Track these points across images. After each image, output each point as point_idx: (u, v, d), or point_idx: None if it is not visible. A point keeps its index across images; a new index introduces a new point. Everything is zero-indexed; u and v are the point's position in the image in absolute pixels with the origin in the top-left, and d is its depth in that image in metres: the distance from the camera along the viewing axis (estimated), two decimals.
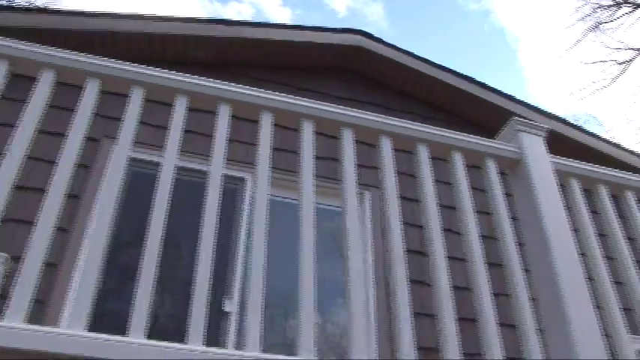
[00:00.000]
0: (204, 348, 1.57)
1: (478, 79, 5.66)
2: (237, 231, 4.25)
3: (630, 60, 18.11)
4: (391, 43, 5.42)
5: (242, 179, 4.41)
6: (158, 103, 2.07)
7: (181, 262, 4.14)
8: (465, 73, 5.60)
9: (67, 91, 2.12)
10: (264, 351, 1.65)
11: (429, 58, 5.54)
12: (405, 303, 1.82)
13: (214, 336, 3.80)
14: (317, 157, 2.46)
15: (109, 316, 3.75)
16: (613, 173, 2.51)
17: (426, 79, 5.50)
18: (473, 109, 5.66)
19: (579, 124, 6.29)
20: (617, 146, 6.29)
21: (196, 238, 1.78)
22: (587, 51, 26.95)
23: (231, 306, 3.85)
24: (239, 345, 3.26)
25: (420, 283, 2.77)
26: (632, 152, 6.34)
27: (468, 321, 2.17)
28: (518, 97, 5.73)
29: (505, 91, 5.74)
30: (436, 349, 1.94)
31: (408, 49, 5.51)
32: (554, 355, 1.99)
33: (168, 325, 3.97)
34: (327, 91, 5.10)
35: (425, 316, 3.17)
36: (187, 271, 1.89)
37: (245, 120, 2.12)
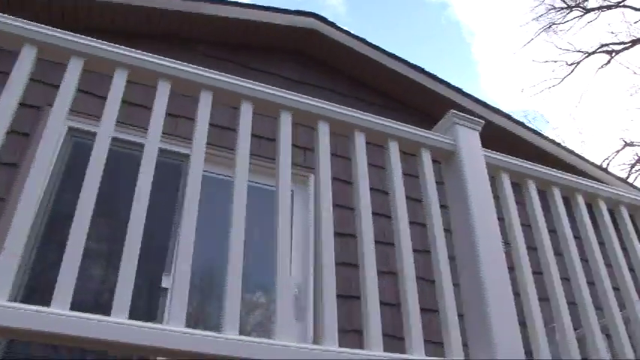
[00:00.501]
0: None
1: (428, 69, 5.75)
2: (180, 207, 4.22)
3: (578, 62, 18.68)
4: (345, 28, 5.45)
5: (187, 156, 4.37)
6: (107, 76, 2.04)
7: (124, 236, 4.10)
8: (415, 64, 5.68)
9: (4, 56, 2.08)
10: (194, 326, 1.68)
11: (382, 46, 5.59)
12: (331, 286, 1.87)
13: (153, 311, 3.80)
14: (267, 139, 2.47)
15: (47, 288, 3.70)
16: (541, 169, 2.62)
17: (377, 67, 5.55)
18: (422, 99, 5.74)
19: (523, 121, 6.43)
20: (558, 145, 6.50)
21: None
22: (540, 50, 27.62)
23: (169, 282, 3.85)
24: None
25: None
26: (571, 152, 6.57)
27: (394, 305, 2.23)
28: (466, 90, 5.85)
29: (455, 83, 5.86)
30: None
31: (363, 36, 5.55)
32: (472, 340, 2.08)
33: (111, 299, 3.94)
34: (279, 73, 5.10)
35: (356, 298, 3.25)
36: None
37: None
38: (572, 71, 18.84)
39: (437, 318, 2.07)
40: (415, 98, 5.72)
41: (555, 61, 19.09)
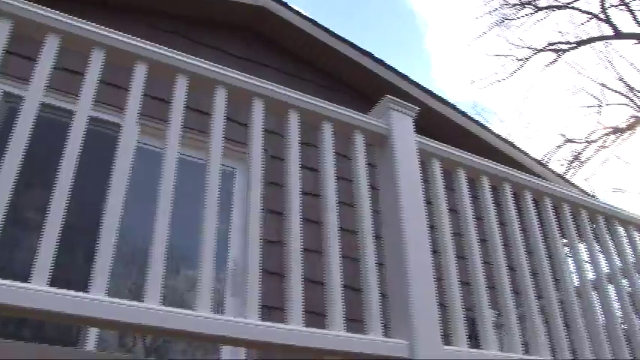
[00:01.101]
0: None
1: (379, 56, 5.80)
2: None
3: (527, 58, 19.11)
4: (295, 8, 5.44)
5: None
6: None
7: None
8: (365, 49, 5.71)
9: None
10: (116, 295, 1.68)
11: (332, 29, 5.61)
12: (255, 263, 1.90)
13: (85, 281, 3.75)
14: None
15: None
16: (471, 158, 2.70)
17: (326, 50, 5.56)
18: (369, 84, 5.78)
19: (471, 114, 6.58)
20: (504, 140, 6.68)
21: (87, 185, 1.76)
22: (492, 44, 28.24)
23: None
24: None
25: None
26: (513, 145, 6.77)
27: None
28: (413, 77, 5.91)
29: (404, 71, 5.92)
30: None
31: (314, 18, 5.55)
32: (393, 320, 2.15)
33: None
34: (227, 49, 5.06)
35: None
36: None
37: None
38: (521, 66, 19.27)
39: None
40: (362, 83, 5.76)
41: (506, 56, 19.47)
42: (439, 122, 5.88)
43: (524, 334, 2.60)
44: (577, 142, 18.71)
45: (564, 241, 3.12)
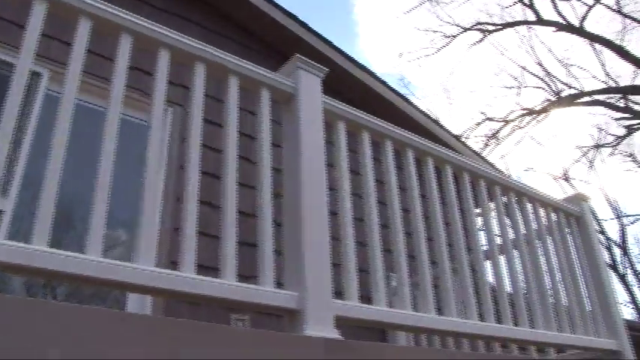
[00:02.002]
0: None
1: (301, 18, 5.78)
2: (26, 126, 4.00)
3: (455, 35, 19.56)
4: None
5: (38, 74, 4.14)
6: None
7: None
8: (290, 11, 5.67)
9: None
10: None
11: None
12: (151, 210, 1.91)
13: None
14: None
15: None
16: (376, 122, 2.78)
17: (250, 8, 5.47)
18: (293, 47, 5.72)
19: (394, 85, 6.71)
20: (423, 113, 6.86)
21: None
22: (421, 19, 28.66)
23: (4, 204, 3.68)
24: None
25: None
26: (432, 119, 6.99)
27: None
28: (336, 44, 5.95)
29: (328, 38, 5.94)
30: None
31: None
32: (287, 276, 2.20)
33: None
34: (150, 1, 4.90)
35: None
36: None
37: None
38: (448, 43, 19.70)
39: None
40: (286, 46, 5.67)
41: (435, 32, 19.84)
42: (356, 88, 5.98)
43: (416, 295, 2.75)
44: (495, 121, 19.43)
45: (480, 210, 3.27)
